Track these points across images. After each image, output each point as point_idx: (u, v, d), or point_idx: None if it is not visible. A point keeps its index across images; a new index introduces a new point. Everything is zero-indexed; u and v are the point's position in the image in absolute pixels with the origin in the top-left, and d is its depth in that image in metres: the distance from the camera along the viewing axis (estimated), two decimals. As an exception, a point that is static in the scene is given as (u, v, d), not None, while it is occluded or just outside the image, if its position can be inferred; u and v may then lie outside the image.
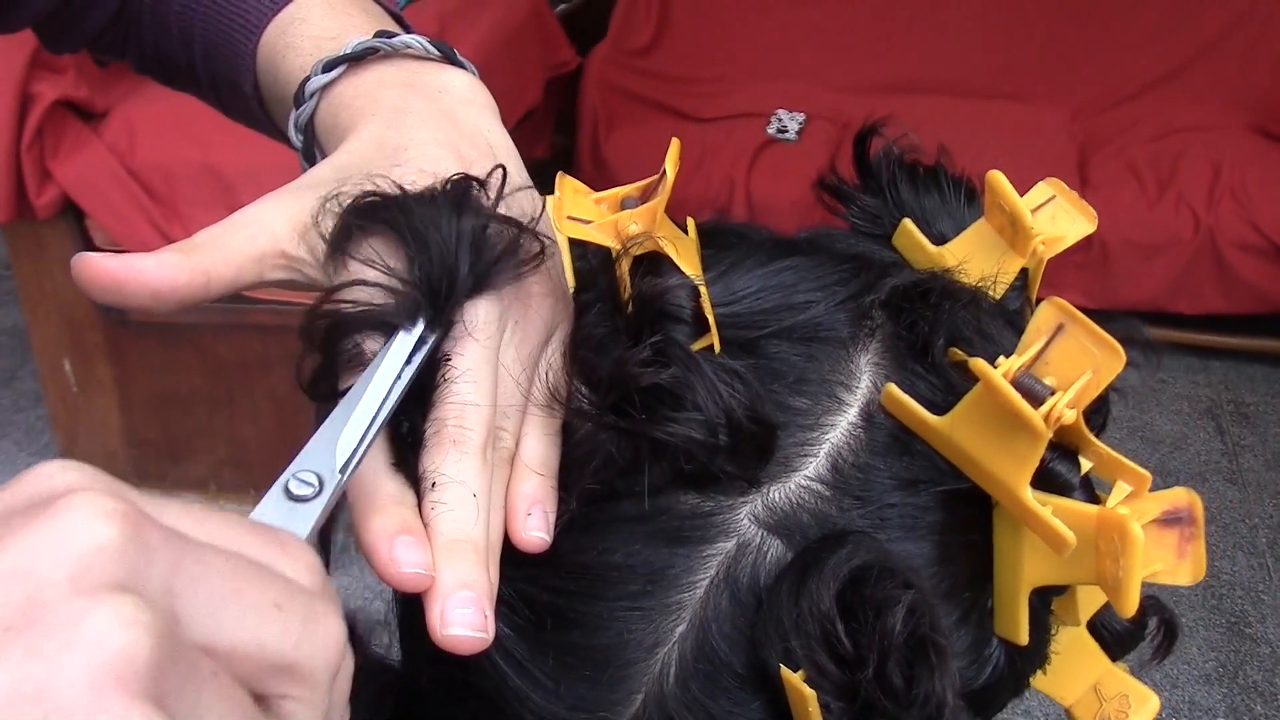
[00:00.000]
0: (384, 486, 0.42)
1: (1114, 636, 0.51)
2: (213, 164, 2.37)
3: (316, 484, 0.39)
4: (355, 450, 0.40)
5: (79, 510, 0.29)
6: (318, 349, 0.43)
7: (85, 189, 2.38)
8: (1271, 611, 2.61)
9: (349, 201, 0.45)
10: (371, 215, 0.44)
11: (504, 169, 0.49)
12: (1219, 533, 2.81)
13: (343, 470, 0.40)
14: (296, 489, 0.39)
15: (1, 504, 0.31)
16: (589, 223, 0.47)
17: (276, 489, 0.39)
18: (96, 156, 2.37)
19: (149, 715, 0.27)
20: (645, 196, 0.48)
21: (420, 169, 0.48)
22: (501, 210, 0.46)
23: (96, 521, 0.29)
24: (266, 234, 0.46)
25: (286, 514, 0.38)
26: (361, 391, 0.41)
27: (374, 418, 0.41)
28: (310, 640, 0.33)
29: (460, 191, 0.45)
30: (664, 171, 0.47)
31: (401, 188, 0.45)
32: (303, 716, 0.33)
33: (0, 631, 0.27)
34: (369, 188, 0.45)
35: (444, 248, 0.43)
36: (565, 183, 0.48)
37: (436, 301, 0.43)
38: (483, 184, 0.46)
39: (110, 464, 2.76)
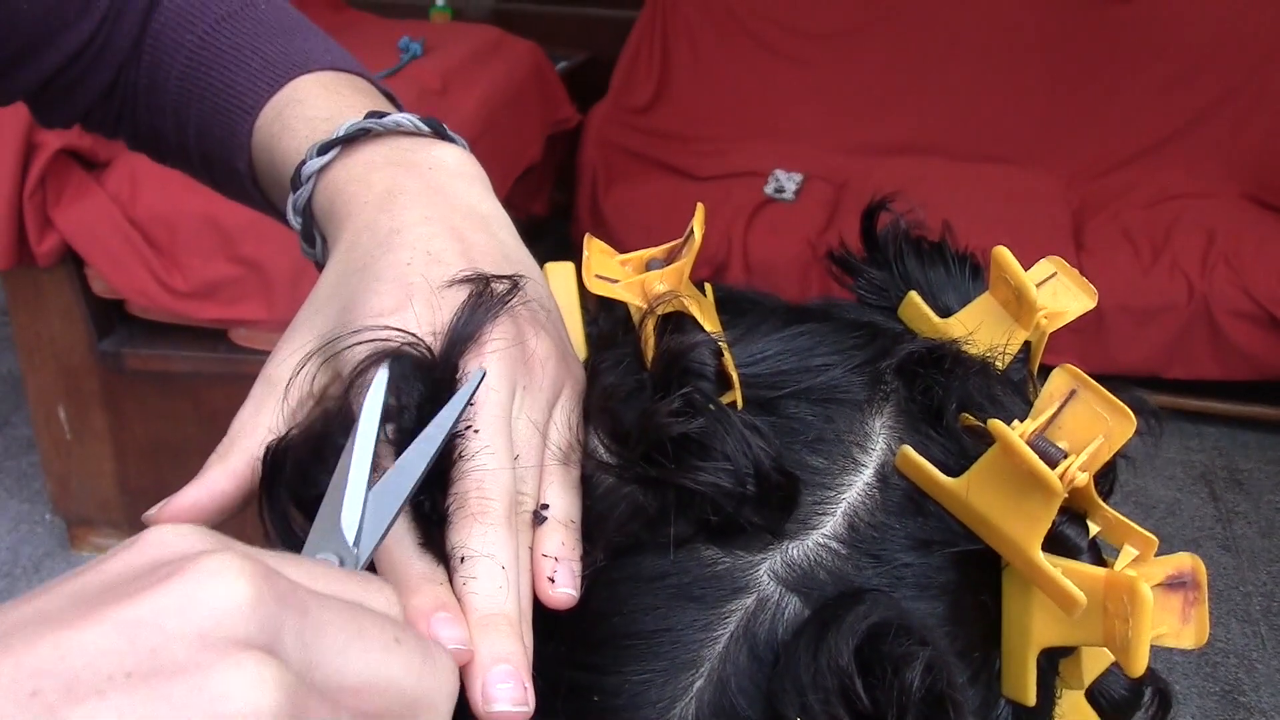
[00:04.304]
0: (415, 566, 0.42)
1: (1111, 705, 0.52)
2: (213, 214, 2.37)
3: (338, 563, 0.40)
4: (360, 523, 0.41)
5: (212, 569, 0.30)
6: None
7: (86, 237, 2.38)
8: (1265, 680, 2.60)
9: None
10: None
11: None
12: (1212, 600, 2.76)
13: (357, 544, 0.40)
14: None
15: (123, 564, 0.32)
16: (616, 282, 0.48)
17: None
18: (98, 205, 2.38)
19: None
20: (670, 258, 0.49)
21: (413, 248, 0.49)
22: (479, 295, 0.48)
23: (229, 579, 0.30)
24: (290, 390, 0.48)
25: None
26: (346, 467, 0.42)
27: (366, 490, 0.41)
28: (432, 672, 0.35)
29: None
30: (691, 232, 0.48)
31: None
32: None
33: (121, 676, 0.28)
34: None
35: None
36: (593, 244, 0.49)
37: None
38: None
39: (103, 512, 2.76)
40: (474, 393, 0.44)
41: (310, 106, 0.63)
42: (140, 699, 0.28)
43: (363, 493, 0.41)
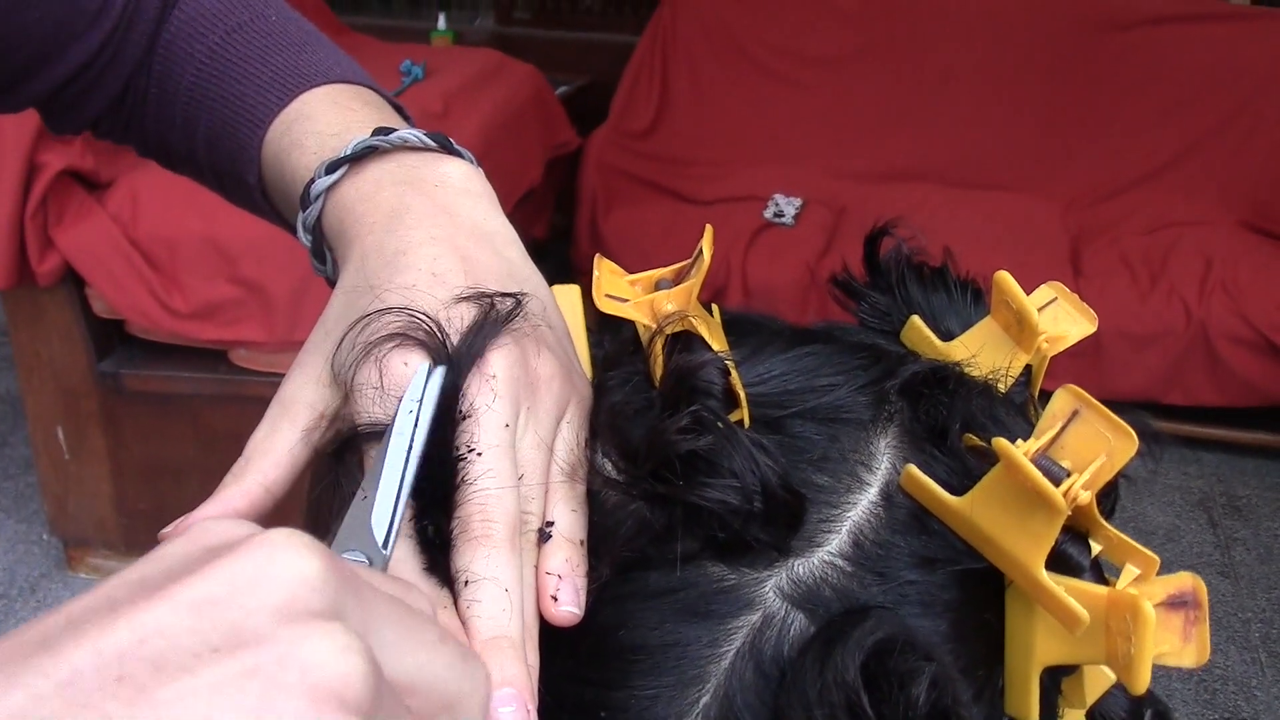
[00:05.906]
0: (419, 591, 0.42)
1: (1111, 728, 0.52)
2: (214, 235, 2.38)
3: (367, 563, 0.40)
4: (391, 525, 0.41)
5: (278, 542, 0.30)
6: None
7: (87, 257, 2.39)
8: (1265, 708, 2.60)
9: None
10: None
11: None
12: (1212, 626, 2.78)
13: (385, 545, 0.41)
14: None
15: (180, 550, 0.31)
16: (625, 301, 0.48)
17: None
18: (99, 226, 2.39)
19: None
20: (679, 279, 0.50)
21: (418, 269, 0.50)
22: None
23: (298, 553, 0.30)
24: (304, 411, 0.48)
25: None
26: (379, 469, 0.42)
27: (398, 492, 0.42)
28: (470, 675, 0.35)
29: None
30: (700, 252, 0.49)
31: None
32: None
33: (208, 652, 0.28)
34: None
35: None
36: (603, 264, 0.50)
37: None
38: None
39: (100, 532, 2.75)
40: (437, 401, 0.45)
41: (319, 121, 0.63)
42: (230, 672, 0.27)
43: (394, 494, 0.42)
